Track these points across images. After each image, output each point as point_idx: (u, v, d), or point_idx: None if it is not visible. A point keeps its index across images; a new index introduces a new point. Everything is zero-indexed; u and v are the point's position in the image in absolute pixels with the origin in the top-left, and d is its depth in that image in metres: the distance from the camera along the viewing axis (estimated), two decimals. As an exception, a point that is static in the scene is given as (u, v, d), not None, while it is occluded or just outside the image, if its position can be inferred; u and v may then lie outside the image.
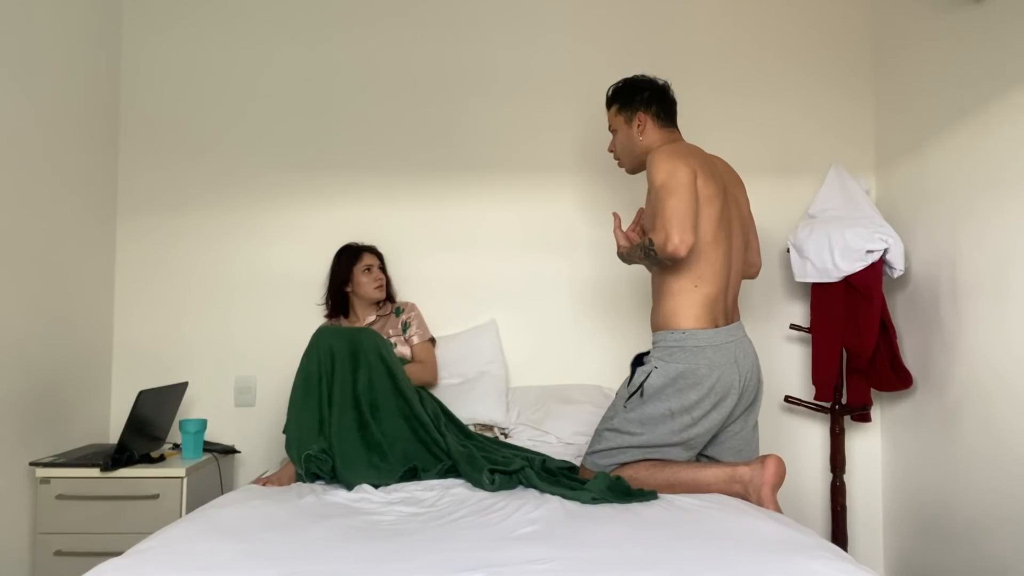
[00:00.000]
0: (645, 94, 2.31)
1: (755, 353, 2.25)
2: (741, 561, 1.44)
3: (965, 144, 2.42)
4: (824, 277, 2.65)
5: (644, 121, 2.29)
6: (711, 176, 2.16)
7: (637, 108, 2.30)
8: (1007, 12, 2.22)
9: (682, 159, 2.12)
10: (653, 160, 2.14)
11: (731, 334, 2.16)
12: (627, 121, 2.32)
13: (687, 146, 2.24)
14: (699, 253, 2.11)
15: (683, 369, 2.09)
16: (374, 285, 2.76)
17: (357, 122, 3.04)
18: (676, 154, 2.14)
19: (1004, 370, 2.23)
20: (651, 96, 2.31)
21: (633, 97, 2.32)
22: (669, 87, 2.35)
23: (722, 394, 2.11)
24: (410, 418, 2.38)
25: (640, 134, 2.30)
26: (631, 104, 2.31)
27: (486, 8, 3.08)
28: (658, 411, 2.10)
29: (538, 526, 1.71)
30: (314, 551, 1.53)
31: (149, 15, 3.04)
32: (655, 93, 2.32)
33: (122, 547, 1.65)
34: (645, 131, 2.29)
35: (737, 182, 2.37)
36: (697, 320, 2.12)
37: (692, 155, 2.18)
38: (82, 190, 2.77)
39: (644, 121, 2.29)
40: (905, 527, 2.78)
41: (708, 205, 2.12)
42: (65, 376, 2.64)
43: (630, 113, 2.31)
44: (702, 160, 2.19)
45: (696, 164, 2.13)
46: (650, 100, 2.30)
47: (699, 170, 2.12)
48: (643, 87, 2.32)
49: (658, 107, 2.30)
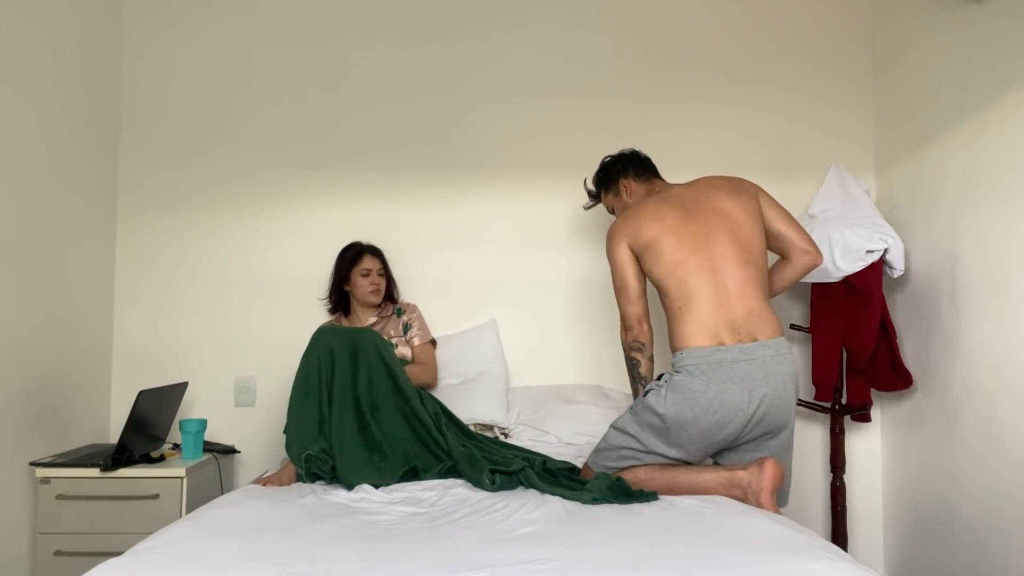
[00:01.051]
0: (619, 165, 2.49)
1: (787, 379, 2.07)
2: (741, 561, 1.44)
3: (965, 144, 2.42)
4: (824, 277, 2.65)
5: (628, 185, 2.46)
6: (655, 220, 2.22)
7: (618, 179, 2.48)
8: (1007, 12, 2.22)
9: (618, 235, 2.27)
10: (605, 245, 2.34)
11: (744, 353, 2.04)
12: (616, 194, 2.49)
13: (639, 206, 2.32)
14: (663, 280, 2.18)
15: (679, 383, 2.06)
16: (369, 290, 2.76)
17: (357, 122, 3.04)
18: (614, 232, 2.29)
19: (1004, 370, 2.23)
20: (624, 164, 2.48)
21: (610, 174, 2.50)
22: (638, 151, 2.51)
23: (720, 413, 2.03)
24: (410, 418, 2.38)
25: (630, 197, 2.45)
26: (612, 180, 2.49)
27: (488, 8, 3.08)
28: (655, 422, 2.09)
29: (538, 526, 1.71)
30: (314, 551, 1.53)
31: (149, 15, 3.04)
32: (627, 160, 2.49)
33: (122, 547, 1.65)
34: (632, 192, 2.45)
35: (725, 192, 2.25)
36: (692, 339, 2.09)
37: (634, 215, 2.27)
38: (82, 190, 2.76)
39: (628, 185, 2.46)
40: (905, 527, 2.78)
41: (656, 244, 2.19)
42: (65, 376, 2.64)
43: (616, 187, 2.49)
44: (651, 209, 2.26)
45: (635, 222, 2.24)
46: (625, 167, 2.47)
47: (639, 227, 2.23)
48: (615, 162, 2.51)
49: (634, 169, 2.46)
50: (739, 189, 2.27)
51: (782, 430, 2.12)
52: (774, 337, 2.09)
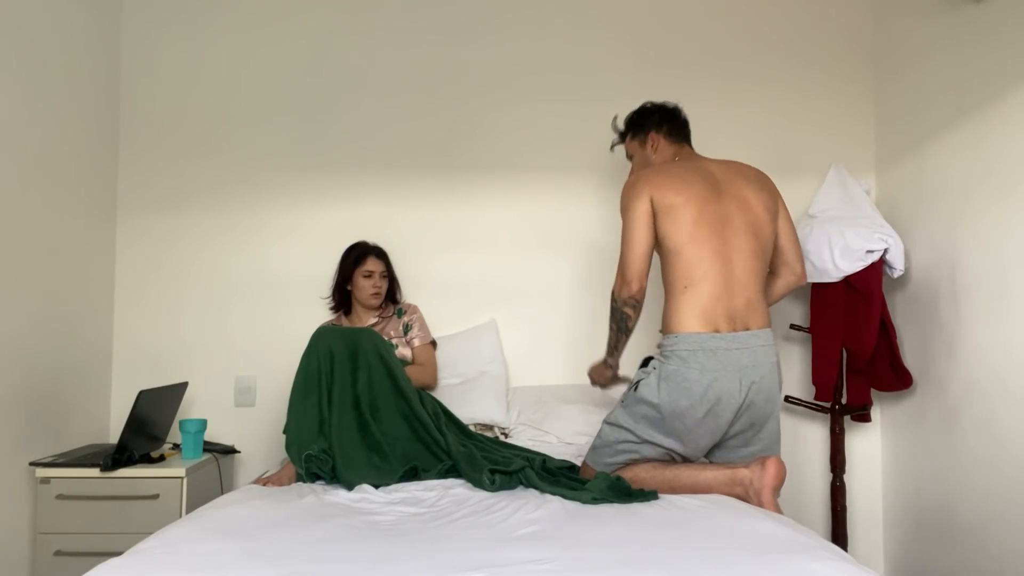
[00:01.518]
0: (655, 117, 2.39)
1: (773, 368, 2.13)
2: (741, 561, 1.44)
3: (965, 144, 2.42)
4: (824, 277, 2.65)
5: (656, 140, 2.37)
6: (684, 185, 2.16)
7: (649, 130, 2.39)
8: (1007, 12, 2.22)
9: (643, 186, 2.17)
10: (622, 192, 2.23)
11: (737, 341, 2.07)
12: (641, 144, 2.41)
13: (669, 165, 2.26)
14: (676, 253, 2.11)
15: (672, 371, 2.06)
16: (371, 292, 2.76)
17: (358, 122, 3.04)
18: (639, 182, 2.19)
19: (1004, 370, 2.23)
20: (661, 118, 2.39)
21: (644, 121, 2.41)
22: (680, 109, 2.41)
23: (715, 401, 2.05)
24: (410, 418, 2.38)
25: (654, 152, 2.37)
26: (643, 128, 2.40)
27: (490, 8, 3.08)
28: (650, 412, 2.09)
29: (538, 526, 1.71)
30: (314, 551, 1.52)
31: (149, 15, 3.04)
32: (665, 115, 2.39)
33: (122, 547, 1.65)
34: (658, 149, 2.37)
35: (753, 184, 2.27)
36: (689, 324, 2.08)
37: (664, 174, 2.20)
38: (82, 190, 2.76)
39: (656, 140, 2.37)
40: (905, 527, 2.78)
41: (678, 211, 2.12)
42: (65, 376, 2.64)
43: (643, 136, 2.40)
44: (682, 172, 2.19)
45: (664, 182, 2.16)
46: (660, 121, 2.38)
47: (667, 187, 2.15)
48: (653, 111, 2.41)
49: (669, 127, 2.38)
50: (764, 186, 2.29)
51: (767, 420, 2.16)
52: (764, 327, 2.14)
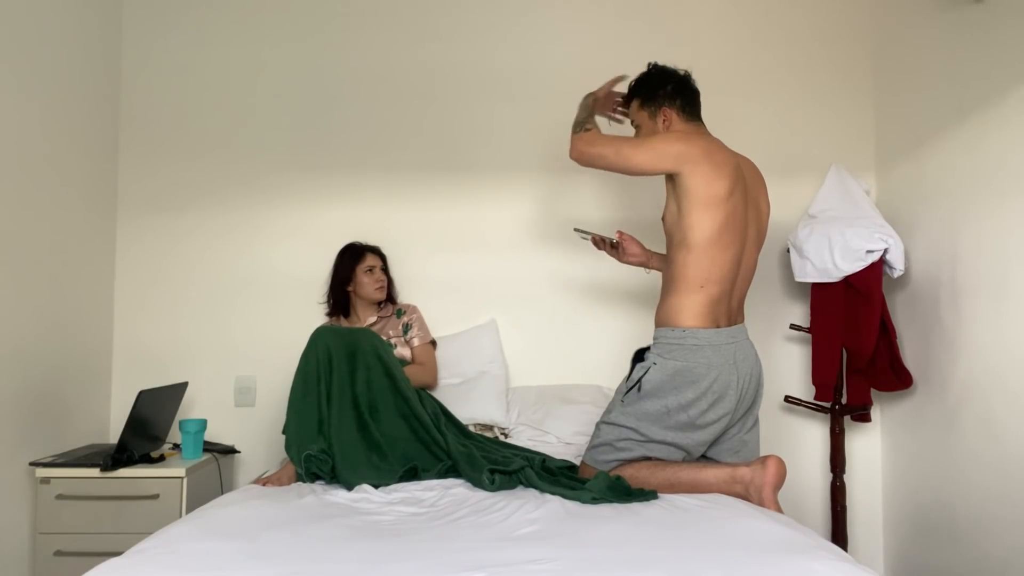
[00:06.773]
0: (668, 87, 2.22)
1: (756, 356, 2.23)
2: (741, 561, 1.44)
3: (965, 144, 2.42)
4: (824, 277, 2.65)
5: (669, 117, 2.21)
6: (734, 184, 2.08)
7: (661, 103, 2.22)
8: (1007, 12, 2.22)
9: (701, 153, 2.05)
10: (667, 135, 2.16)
11: (732, 336, 2.15)
12: (651, 116, 2.24)
13: (724, 150, 2.15)
14: (700, 250, 2.09)
15: (681, 367, 2.08)
16: (375, 286, 2.76)
17: (357, 122, 3.04)
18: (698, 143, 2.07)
19: (1004, 370, 2.23)
20: (675, 89, 2.22)
21: (656, 91, 2.23)
22: (691, 76, 2.26)
23: (719, 393, 2.09)
24: (410, 418, 2.38)
25: (665, 130, 2.22)
26: (654, 98, 2.23)
27: (488, 8, 3.07)
28: (654, 408, 2.10)
29: (538, 526, 1.71)
30: (314, 551, 1.53)
31: (149, 15, 3.04)
32: (678, 85, 2.22)
33: (122, 547, 1.65)
34: (671, 128, 2.22)
35: (761, 186, 2.29)
36: (698, 319, 2.11)
37: (719, 149, 2.12)
38: (82, 190, 2.76)
39: (669, 117, 2.21)
40: (905, 527, 2.78)
41: (716, 207, 2.06)
42: (65, 376, 2.64)
43: (654, 108, 2.23)
44: (732, 167, 2.10)
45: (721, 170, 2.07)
46: (674, 93, 2.22)
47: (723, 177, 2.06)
48: (666, 79, 2.23)
49: (682, 100, 2.22)
50: (764, 194, 2.33)
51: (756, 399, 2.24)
52: (743, 322, 2.27)
